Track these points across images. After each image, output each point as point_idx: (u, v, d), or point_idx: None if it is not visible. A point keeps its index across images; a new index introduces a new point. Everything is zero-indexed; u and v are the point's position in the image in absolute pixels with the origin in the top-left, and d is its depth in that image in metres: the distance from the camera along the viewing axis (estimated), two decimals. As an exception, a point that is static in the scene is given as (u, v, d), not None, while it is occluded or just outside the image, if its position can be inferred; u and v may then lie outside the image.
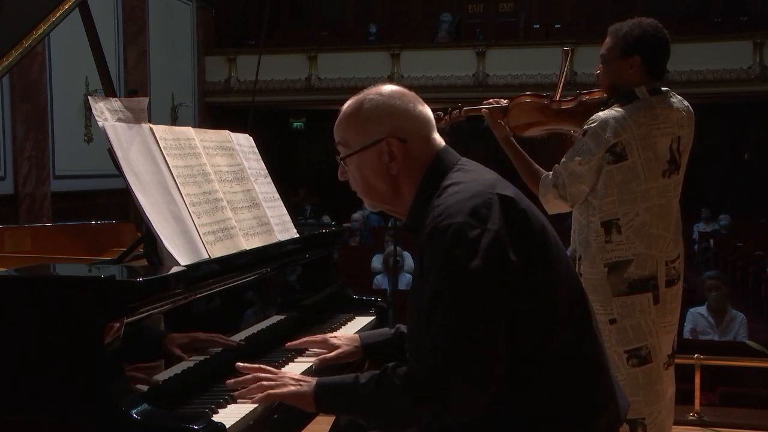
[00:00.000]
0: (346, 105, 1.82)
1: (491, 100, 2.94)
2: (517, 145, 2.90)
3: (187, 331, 1.87)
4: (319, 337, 2.14)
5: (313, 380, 1.74)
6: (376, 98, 1.78)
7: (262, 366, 1.82)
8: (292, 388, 1.74)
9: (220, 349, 1.98)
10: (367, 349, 2.10)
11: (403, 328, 2.07)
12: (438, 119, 2.98)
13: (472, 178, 1.70)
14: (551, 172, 2.73)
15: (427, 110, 1.81)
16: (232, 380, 1.80)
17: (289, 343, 2.14)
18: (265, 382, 1.76)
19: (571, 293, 1.71)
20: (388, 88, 1.80)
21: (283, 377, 1.78)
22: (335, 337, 2.14)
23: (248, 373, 1.80)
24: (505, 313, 1.58)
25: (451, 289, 1.57)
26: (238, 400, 1.76)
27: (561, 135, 3.09)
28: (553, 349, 1.64)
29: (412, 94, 1.81)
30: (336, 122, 1.82)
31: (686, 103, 2.75)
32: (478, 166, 1.79)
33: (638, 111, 2.62)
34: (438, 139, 1.81)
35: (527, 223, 1.65)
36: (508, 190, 1.68)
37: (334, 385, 1.72)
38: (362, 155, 1.78)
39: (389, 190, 1.79)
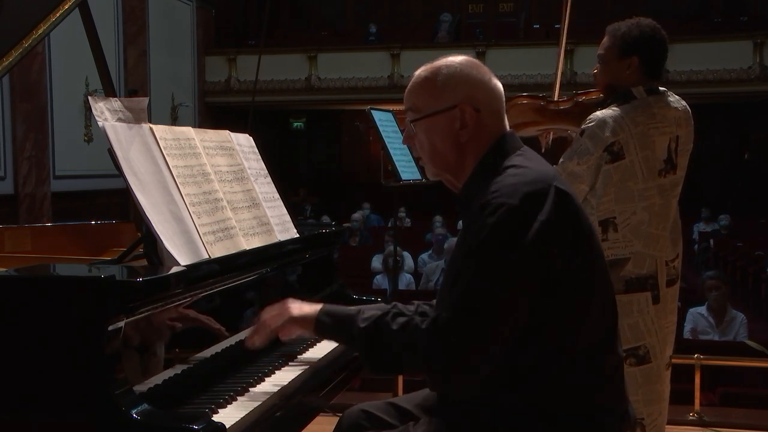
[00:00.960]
0: (419, 71, 1.82)
1: None
2: None
3: (187, 331, 1.87)
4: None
5: (318, 306, 1.85)
6: (453, 65, 1.78)
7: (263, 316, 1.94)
8: (295, 313, 1.87)
9: (220, 349, 1.98)
10: None
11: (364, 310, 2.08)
12: None
13: (533, 165, 1.72)
14: None
15: (500, 86, 1.81)
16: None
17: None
18: (269, 319, 1.90)
19: (605, 296, 1.72)
20: (464, 58, 1.81)
21: (285, 305, 1.90)
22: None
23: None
24: (528, 304, 1.59)
25: (485, 263, 1.59)
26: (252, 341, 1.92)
27: (560, 135, 3.10)
28: (580, 347, 1.65)
29: (486, 67, 1.81)
30: (408, 87, 1.82)
31: (683, 102, 2.75)
32: (540, 158, 1.80)
33: (635, 110, 2.62)
34: (506, 119, 1.81)
35: (578, 221, 1.67)
36: (566, 186, 1.70)
37: (336, 314, 1.82)
38: (434, 120, 1.77)
39: (454, 158, 1.78)
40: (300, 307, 1.89)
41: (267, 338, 1.92)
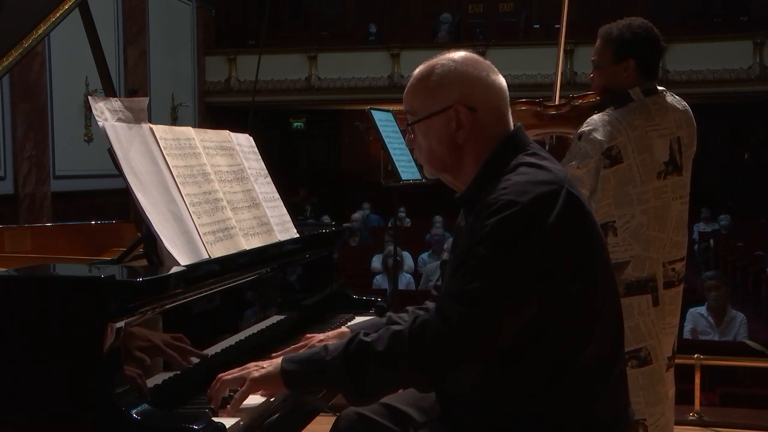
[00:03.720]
0: (417, 71, 1.78)
1: None
2: None
3: (186, 331, 1.87)
4: (306, 343, 2.02)
5: (277, 360, 1.72)
6: (448, 64, 1.73)
7: (222, 375, 1.76)
8: (256, 374, 1.71)
9: (220, 349, 1.98)
10: None
11: (395, 317, 2.05)
12: None
13: (545, 164, 1.67)
14: None
15: (502, 81, 1.76)
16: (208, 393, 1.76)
17: (274, 354, 2.09)
18: (228, 378, 1.73)
19: (612, 307, 1.69)
20: (462, 54, 1.75)
21: (246, 368, 1.74)
22: (323, 339, 2.02)
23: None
24: (526, 305, 1.56)
25: (487, 259, 1.55)
26: (219, 412, 1.70)
27: (559, 138, 3.10)
28: (588, 356, 1.62)
29: (487, 63, 1.76)
30: (406, 88, 1.78)
31: (684, 102, 2.74)
32: (551, 157, 1.76)
33: (632, 113, 2.61)
34: (510, 116, 1.76)
35: (587, 228, 1.63)
36: (577, 190, 1.66)
37: (301, 357, 1.71)
38: (430, 122, 1.73)
39: (453, 159, 1.74)
40: (259, 368, 1.73)
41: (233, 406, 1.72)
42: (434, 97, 1.72)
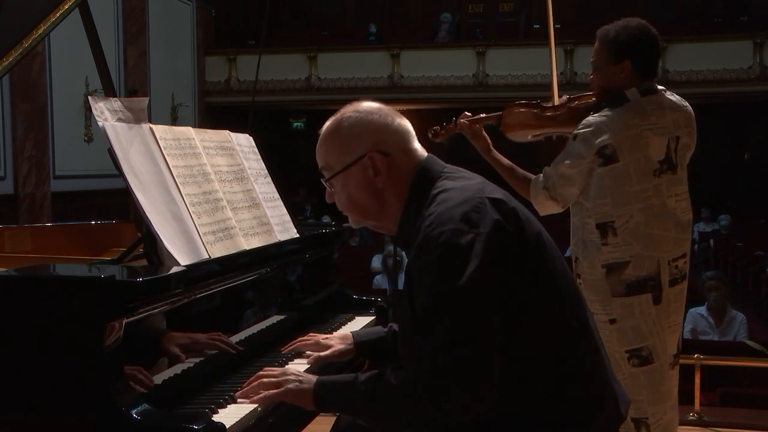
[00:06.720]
0: (324, 127, 1.83)
1: (476, 117, 2.97)
2: (500, 155, 2.92)
3: (187, 332, 1.87)
4: (311, 339, 2.14)
5: (314, 378, 1.75)
6: (353, 116, 1.78)
7: (265, 369, 1.84)
8: (292, 386, 1.74)
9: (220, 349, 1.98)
10: (360, 348, 2.10)
11: (396, 327, 2.07)
12: (435, 134, 3.03)
13: (459, 184, 1.71)
14: (541, 174, 2.74)
15: (405, 122, 1.81)
16: (243, 387, 1.80)
17: (281, 348, 2.12)
18: (265, 380, 1.77)
19: (567, 292, 1.71)
20: (364, 104, 1.81)
21: (285, 374, 1.78)
22: (327, 338, 2.13)
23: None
24: (501, 315, 1.58)
25: (449, 296, 1.56)
26: (239, 400, 1.76)
27: (557, 137, 3.12)
28: (550, 348, 1.64)
29: (388, 107, 1.81)
30: (317, 146, 1.83)
31: (685, 102, 2.74)
32: (463, 172, 1.79)
33: (628, 113, 2.63)
34: (419, 149, 1.80)
35: (518, 223, 1.65)
36: (496, 192, 1.68)
37: (333, 383, 1.73)
38: (347, 174, 1.78)
39: (375, 204, 1.79)
40: (298, 380, 1.76)
41: (259, 401, 1.77)
42: (347, 150, 1.77)
